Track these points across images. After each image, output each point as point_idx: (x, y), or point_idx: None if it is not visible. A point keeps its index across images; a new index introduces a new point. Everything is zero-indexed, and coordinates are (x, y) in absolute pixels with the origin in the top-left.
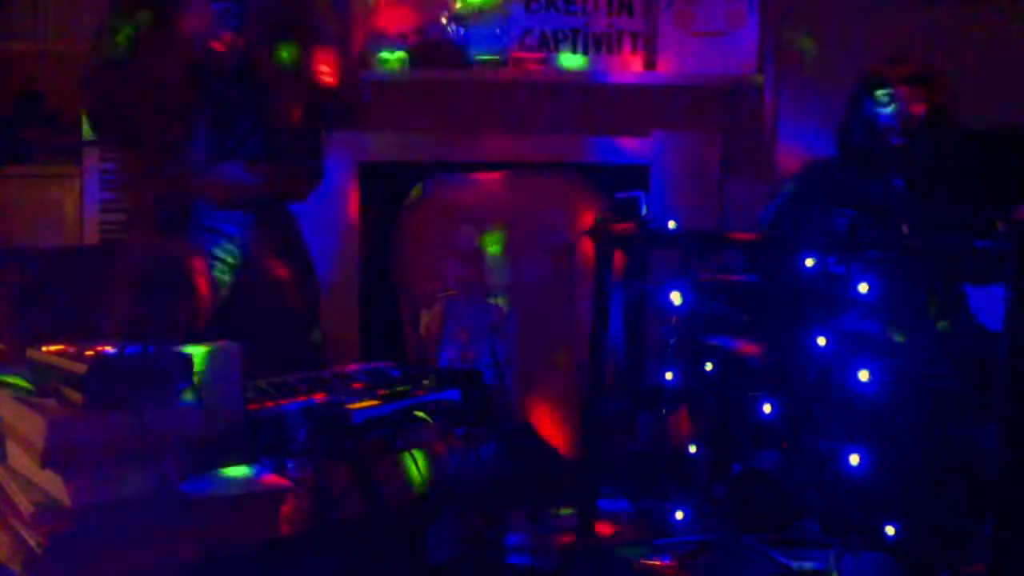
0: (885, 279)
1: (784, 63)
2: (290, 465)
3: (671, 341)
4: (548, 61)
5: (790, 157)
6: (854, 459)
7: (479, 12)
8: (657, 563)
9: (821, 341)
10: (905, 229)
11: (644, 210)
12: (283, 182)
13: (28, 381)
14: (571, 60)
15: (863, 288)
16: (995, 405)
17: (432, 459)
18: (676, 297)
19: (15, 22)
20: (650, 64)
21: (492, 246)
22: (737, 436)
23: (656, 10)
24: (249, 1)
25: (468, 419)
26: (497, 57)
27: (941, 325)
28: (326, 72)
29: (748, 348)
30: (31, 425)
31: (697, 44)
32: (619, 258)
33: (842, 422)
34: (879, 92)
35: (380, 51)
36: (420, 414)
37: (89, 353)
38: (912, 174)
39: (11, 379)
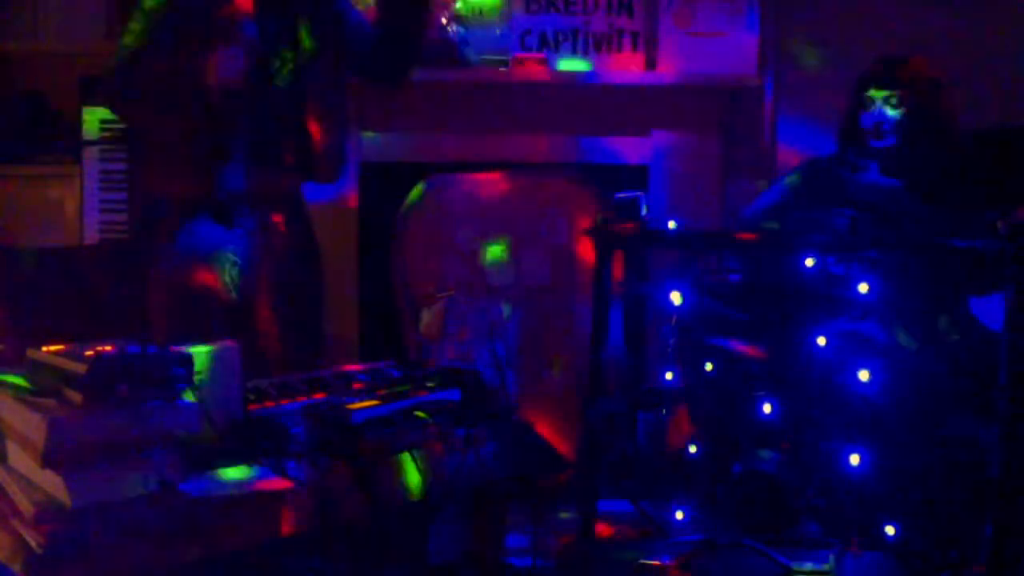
0: (884, 279)
1: (784, 63)
2: (290, 465)
3: (671, 341)
4: (548, 61)
5: (790, 157)
6: (854, 459)
7: (479, 12)
8: (657, 563)
9: (821, 341)
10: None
11: (644, 210)
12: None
13: (28, 381)
14: (571, 61)
15: (863, 288)
16: (995, 405)
17: (432, 459)
18: (676, 297)
19: (15, 22)
20: (650, 64)
21: (492, 246)
22: (737, 436)
23: (656, 10)
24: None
25: (468, 419)
26: (497, 57)
27: (941, 324)
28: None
29: (750, 350)
30: (31, 425)
31: (697, 44)
32: (619, 258)
33: (842, 422)
34: (865, 94)
35: None
36: (420, 414)
37: (89, 353)
38: (906, 176)
39: (11, 379)
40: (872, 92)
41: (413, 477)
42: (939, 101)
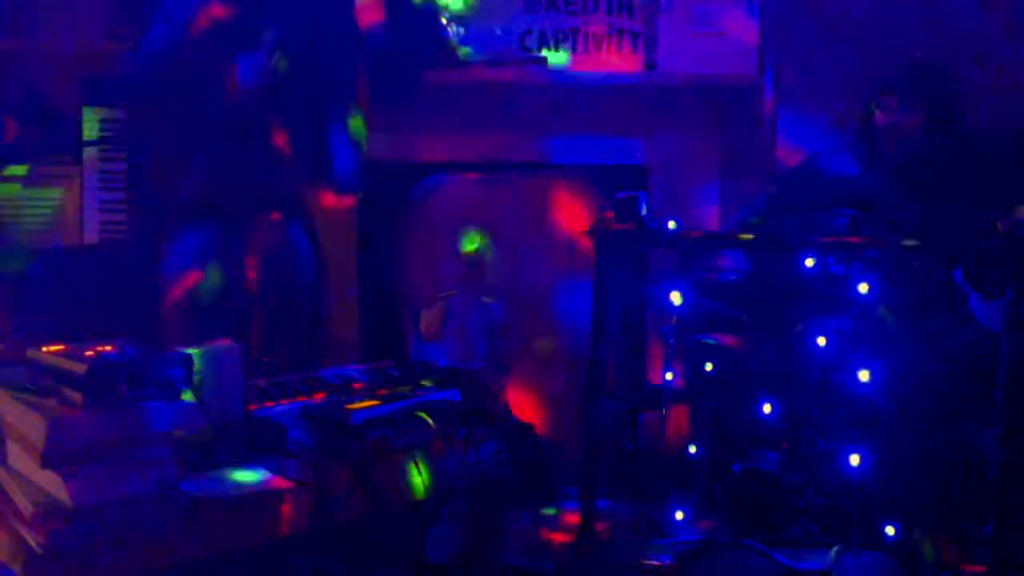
0: (885, 278)
1: (784, 63)
2: (290, 465)
3: (671, 341)
4: (547, 61)
5: (790, 157)
6: (854, 459)
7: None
8: (657, 563)
9: (821, 341)
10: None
11: (644, 210)
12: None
13: (28, 381)
14: (571, 61)
15: (863, 288)
16: (995, 405)
17: (432, 459)
18: (676, 297)
19: (14, 22)
20: (650, 64)
21: (491, 246)
22: (737, 436)
23: (656, 10)
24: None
25: (468, 419)
26: (497, 57)
27: (940, 324)
28: None
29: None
30: (31, 425)
31: (697, 44)
32: (619, 258)
33: (842, 422)
34: (882, 97)
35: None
36: (420, 414)
37: (89, 353)
38: (911, 177)
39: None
40: (889, 96)
41: (413, 477)
42: (953, 109)
